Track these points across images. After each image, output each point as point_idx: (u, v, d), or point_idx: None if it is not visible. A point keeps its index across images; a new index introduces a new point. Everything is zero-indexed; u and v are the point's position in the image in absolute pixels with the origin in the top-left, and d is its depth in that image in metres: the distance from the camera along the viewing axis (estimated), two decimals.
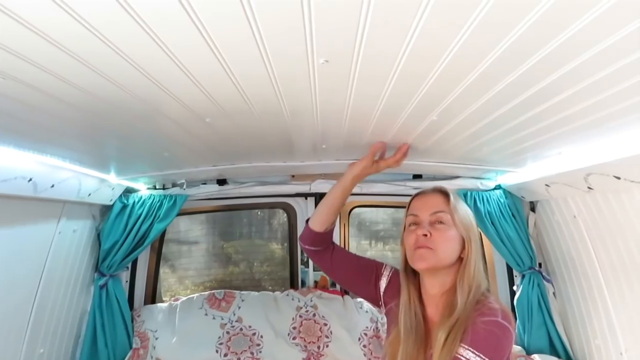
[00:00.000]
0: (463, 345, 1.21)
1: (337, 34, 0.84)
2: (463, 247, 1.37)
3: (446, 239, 1.36)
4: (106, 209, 2.62)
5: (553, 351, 2.53)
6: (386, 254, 4.05)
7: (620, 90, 1.07)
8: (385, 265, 1.62)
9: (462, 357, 1.19)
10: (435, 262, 1.35)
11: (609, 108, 1.20)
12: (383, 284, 1.58)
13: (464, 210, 1.42)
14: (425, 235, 1.35)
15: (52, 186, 1.84)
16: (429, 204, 1.42)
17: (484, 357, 1.17)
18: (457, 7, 0.75)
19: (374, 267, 1.62)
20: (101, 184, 2.25)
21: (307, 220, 1.69)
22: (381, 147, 1.67)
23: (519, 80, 1.06)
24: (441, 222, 1.38)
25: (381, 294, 1.58)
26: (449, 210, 1.38)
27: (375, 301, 1.63)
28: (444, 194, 1.43)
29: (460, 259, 1.38)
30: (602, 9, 0.72)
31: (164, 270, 3.83)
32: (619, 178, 1.63)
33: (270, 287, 2.99)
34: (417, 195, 1.49)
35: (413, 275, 1.46)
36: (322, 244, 1.66)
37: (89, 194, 2.19)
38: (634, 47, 0.86)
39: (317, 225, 1.64)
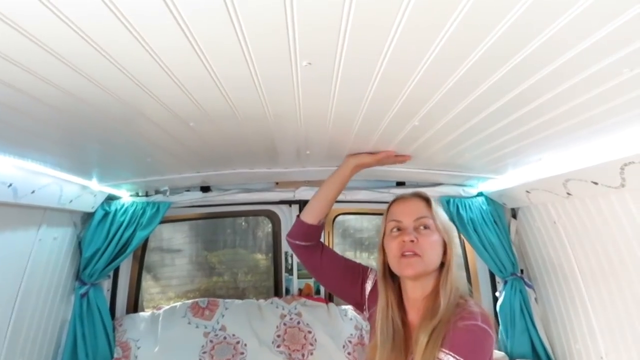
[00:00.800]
0: (443, 349, 1.21)
1: (319, 36, 0.85)
2: (445, 251, 1.39)
3: (432, 244, 1.37)
4: (88, 216, 2.58)
5: (535, 356, 2.55)
6: (371, 263, 4.06)
7: (598, 93, 1.09)
8: (371, 269, 1.63)
9: None
10: (423, 268, 1.35)
11: (587, 112, 1.23)
12: (368, 287, 1.59)
13: (443, 215, 1.44)
14: (412, 241, 1.35)
15: (33, 192, 1.82)
16: (411, 210, 1.43)
17: None
18: (437, 9, 0.76)
19: (360, 270, 1.63)
20: (83, 190, 2.22)
21: (298, 216, 1.71)
22: (391, 156, 1.82)
23: (498, 85, 1.08)
24: (425, 227, 1.39)
25: (366, 297, 1.59)
26: (431, 215, 1.40)
27: (359, 305, 1.63)
28: (426, 199, 1.45)
29: (441, 263, 1.39)
30: (577, 10, 0.74)
31: (146, 281, 3.79)
32: (596, 183, 1.66)
33: (254, 297, 2.96)
34: (396, 200, 1.49)
35: (392, 280, 1.47)
36: (313, 239, 1.68)
37: (70, 201, 2.17)
38: (611, 50, 0.88)
39: (310, 217, 1.66)
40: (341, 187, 1.73)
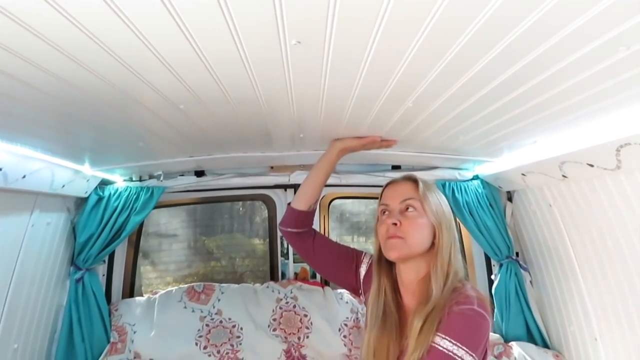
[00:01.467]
0: (439, 334, 1.20)
1: (308, 12, 0.83)
2: (435, 235, 1.37)
3: (416, 226, 1.36)
4: (81, 202, 2.57)
5: (530, 338, 2.57)
6: (368, 247, 4.07)
7: (589, 76, 1.08)
8: (365, 254, 1.62)
9: (438, 346, 1.18)
10: (407, 252, 1.35)
11: (581, 94, 1.22)
12: (362, 271, 1.59)
13: (435, 198, 1.41)
14: (395, 224, 1.35)
15: (24, 177, 1.80)
16: (398, 192, 1.42)
17: (460, 345, 1.16)
18: None
19: (354, 255, 1.63)
20: (75, 175, 2.20)
21: (289, 204, 1.71)
22: (377, 141, 1.82)
23: (489, 67, 1.07)
24: (411, 209, 1.38)
25: (361, 281, 1.59)
26: (418, 197, 1.38)
27: (355, 290, 1.63)
28: (414, 181, 1.43)
29: (433, 246, 1.37)
30: None
31: (144, 266, 3.79)
32: (592, 165, 1.65)
33: (252, 282, 2.97)
34: (388, 184, 1.49)
35: (387, 265, 1.46)
36: (305, 225, 1.68)
37: (63, 186, 2.15)
38: (599, 32, 0.87)
39: (301, 204, 1.66)
40: (329, 171, 1.74)
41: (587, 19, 0.81)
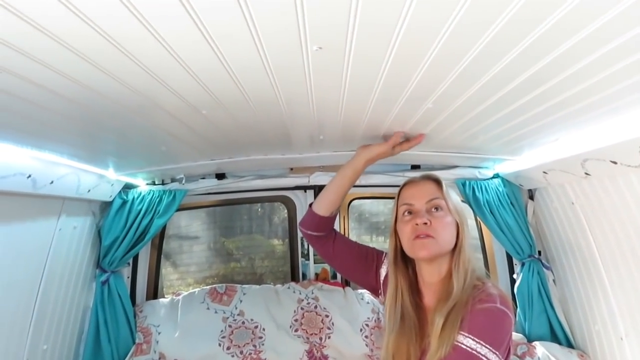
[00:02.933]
0: (462, 332, 1.20)
1: (329, 18, 0.84)
2: (457, 233, 1.38)
3: (445, 225, 1.37)
4: (106, 205, 2.62)
5: (554, 338, 2.54)
6: (387, 247, 4.05)
7: (612, 73, 1.07)
8: (386, 254, 1.62)
9: (461, 344, 1.18)
10: (438, 250, 1.35)
11: (602, 92, 1.21)
12: (383, 272, 1.59)
13: (455, 196, 1.44)
14: (426, 223, 1.35)
15: (52, 182, 1.85)
16: (423, 192, 1.42)
17: (484, 343, 1.16)
18: None
19: (375, 255, 1.63)
20: (100, 180, 2.25)
21: (310, 205, 1.71)
22: (401, 136, 1.71)
23: (513, 65, 1.06)
24: (438, 209, 1.38)
25: (381, 282, 1.59)
26: (442, 196, 1.40)
27: (375, 290, 1.63)
28: (437, 181, 1.44)
29: (456, 245, 1.38)
30: None
31: (165, 268, 3.84)
32: (615, 163, 1.63)
33: (271, 282, 2.99)
34: (407, 184, 1.48)
35: (404, 265, 1.46)
36: (326, 229, 1.68)
37: (88, 190, 2.20)
38: (620, 31, 0.86)
39: (322, 209, 1.66)
40: (354, 179, 1.69)
41: (609, 18, 0.81)
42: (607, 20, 0.82)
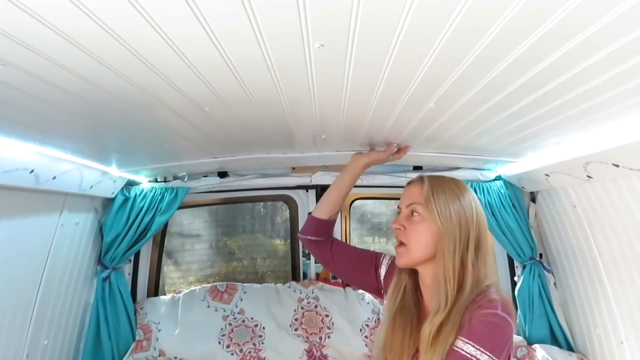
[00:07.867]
0: (462, 338, 1.17)
1: (331, 15, 0.84)
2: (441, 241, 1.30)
3: (416, 233, 1.31)
4: (108, 202, 2.63)
5: (554, 341, 2.54)
6: (389, 248, 4.06)
7: (612, 76, 1.07)
8: (385, 255, 1.62)
9: (461, 351, 1.16)
10: (408, 260, 1.33)
11: (605, 94, 1.20)
12: (382, 271, 1.59)
13: (444, 201, 1.30)
14: (399, 228, 1.33)
15: (54, 178, 1.85)
16: (407, 195, 1.39)
17: (484, 350, 1.14)
18: None
19: (372, 257, 1.63)
20: (103, 176, 2.26)
21: (310, 214, 1.74)
22: (394, 147, 1.87)
23: (515, 65, 1.06)
24: (415, 214, 1.33)
25: (381, 282, 1.59)
26: (422, 201, 1.32)
27: (376, 291, 1.63)
28: (421, 183, 1.37)
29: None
30: None
31: (167, 266, 3.85)
32: (617, 166, 1.63)
33: (273, 282, 3.00)
34: (406, 184, 1.47)
35: None
36: (325, 234, 1.70)
37: (91, 187, 2.21)
38: (622, 33, 0.86)
39: (322, 213, 1.69)
40: (352, 183, 1.77)
41: (610, 20, 0.81)
42: (608, 22, 0.82)
